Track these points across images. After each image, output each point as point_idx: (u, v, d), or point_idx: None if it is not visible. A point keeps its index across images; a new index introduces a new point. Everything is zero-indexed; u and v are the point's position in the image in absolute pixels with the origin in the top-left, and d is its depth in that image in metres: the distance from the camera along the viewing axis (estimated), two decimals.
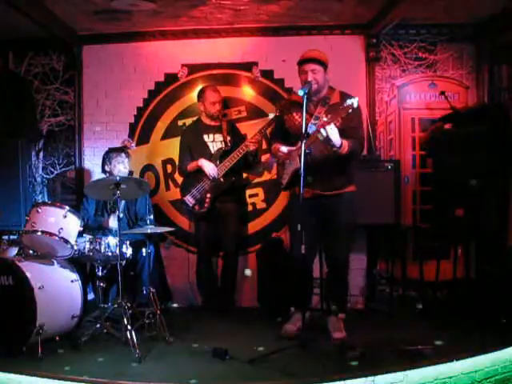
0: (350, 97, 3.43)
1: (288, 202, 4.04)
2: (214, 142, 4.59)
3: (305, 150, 3.33)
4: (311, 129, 3.52)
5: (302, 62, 3.64)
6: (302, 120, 3.40)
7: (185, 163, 4.58)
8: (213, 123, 4.62)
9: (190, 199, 4.50)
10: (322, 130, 3.35)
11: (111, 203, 4.31)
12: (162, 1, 4.27)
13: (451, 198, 4.26)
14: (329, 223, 3.70)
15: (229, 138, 4.55)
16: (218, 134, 4.59)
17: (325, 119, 3.48)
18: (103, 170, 4.50)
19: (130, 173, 4.50)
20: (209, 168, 4.43)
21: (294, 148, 3.62)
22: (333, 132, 3.36)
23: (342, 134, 3.50)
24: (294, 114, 3.74)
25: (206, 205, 4.45)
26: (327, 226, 3.72)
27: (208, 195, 4.45)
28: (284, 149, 3.67)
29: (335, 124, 3.40)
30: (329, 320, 3.76)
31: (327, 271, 3.89)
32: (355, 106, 3.36)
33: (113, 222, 4.18)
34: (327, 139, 3.38)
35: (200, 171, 4.48)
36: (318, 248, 3.93)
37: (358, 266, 4.71)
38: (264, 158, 4.85)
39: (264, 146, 4.76)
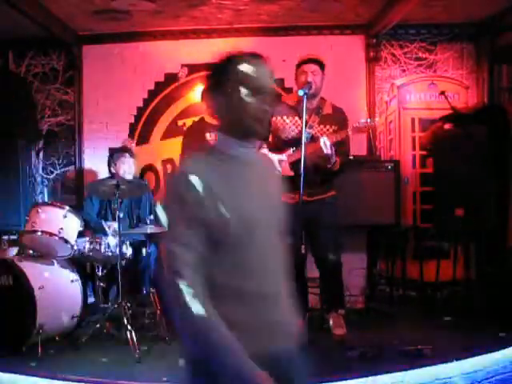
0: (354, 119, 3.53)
1: None
2: None
3: (304, 154, 3.33)
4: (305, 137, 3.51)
5: (303, 62, 3.64)
6: (303, 122, 3.41)
7: None
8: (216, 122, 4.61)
9: None
10: (323, 146, 3.41)
11: (115, 203, 4.30)
12: (161, 1, 4.26)
13: (451, 198, 4.26)
14: (314, 226, 3.70)
15: None
16: None
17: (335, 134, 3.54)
18: (109, 171, 4.48)
19: None
20: None
21: (290, 153, 3.64)
22: (330, 149, 3.44)
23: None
24: (285, 118, 3.70)
25: None
26: (313, 229, 3.70)
27: None
28: (284, 157, 3.64)
29: (330, 138, 3.46)
30: (329, 317, 3.76)
31: (319, 273, 3.88)
32: (375, 125, 3.60)
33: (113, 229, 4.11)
34: (327, 155, 3.43)
35: None
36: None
37: (358, 265, 4.71)
38: None
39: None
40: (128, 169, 4.35)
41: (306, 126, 3.54)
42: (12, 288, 3.33)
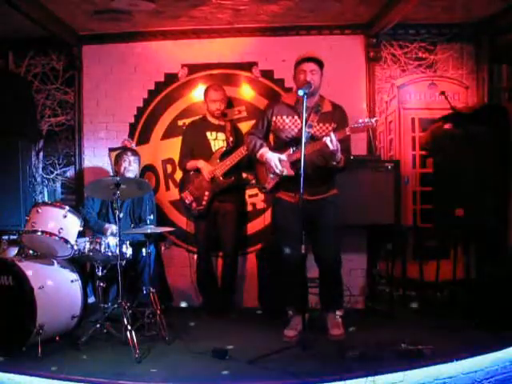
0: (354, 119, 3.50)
1: (272, 208, 4.04)
2: (216, 140, 4.59)
3: (304, 154, 3.33)
4: (305, 136, 3.51)
5: (302, 60, 3.64)
6: (302, 122, 3.41)
7: (185, 160, 4.59)
8: (217, 122, 4.63)
9: (187, 196, 4.51)
10: (328, 143, 3.38)
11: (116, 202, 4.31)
12: (162, 1, 4.26)
13: (451, 198, 4.26)
14: (315, 225, 3.69)
15: (231, 139, 4.55)
16: (221, 132, 4.59)
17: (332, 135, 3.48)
18: (113, 170, 4.73)
19: None
20: (207, 171, 4.43)
21: (290, 153, 3.64)
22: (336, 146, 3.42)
23: None
24: (284, 117, 3.71)
25: (203, 203, 4.45)
26: (314, 228, 3.70)
27: (206, 193, 4.45)
28: (284, 157, 3.65)
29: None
30: (327, 317, 3.77)
31: (319, 272, 3.88)
32: (375, 125, 3.52)
33: (111, 232, 4.14)
34: (333, 152, 3.41)
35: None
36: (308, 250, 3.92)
37: (358, 265, 4.71)
38: None
39: None
40: (128, 166, 4.40)
41: (305, 125, 3.54)
42: (12, 288, 3.33)
